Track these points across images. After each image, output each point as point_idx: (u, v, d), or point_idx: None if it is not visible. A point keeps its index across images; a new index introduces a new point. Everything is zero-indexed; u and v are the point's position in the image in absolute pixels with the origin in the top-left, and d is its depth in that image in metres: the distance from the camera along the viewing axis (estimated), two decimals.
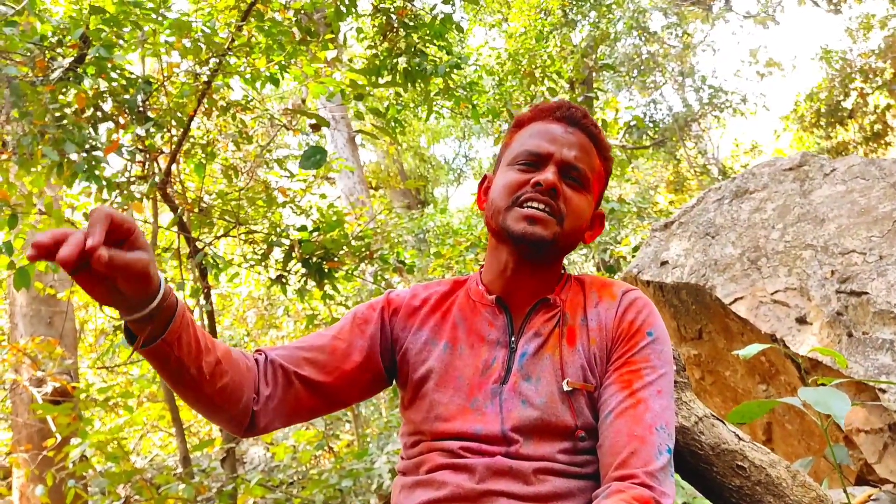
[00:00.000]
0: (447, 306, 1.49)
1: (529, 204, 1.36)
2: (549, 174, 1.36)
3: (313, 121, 4.10)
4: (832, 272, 2.90)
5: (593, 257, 8.35)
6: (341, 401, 1.46)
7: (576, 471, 1.29)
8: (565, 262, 1.52)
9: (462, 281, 1.54)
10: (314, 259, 4.27)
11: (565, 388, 1.31)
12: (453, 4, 5.40)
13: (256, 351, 1.40)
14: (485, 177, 1.55)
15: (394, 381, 1.51)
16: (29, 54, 3.61)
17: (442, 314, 1.48)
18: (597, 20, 11.18)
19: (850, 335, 2.72)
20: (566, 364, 1.34)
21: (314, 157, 3.50)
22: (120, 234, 1.01)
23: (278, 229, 4.62)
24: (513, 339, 1.39)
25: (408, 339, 1.47)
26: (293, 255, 4.29)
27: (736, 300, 3.14)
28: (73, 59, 3.62)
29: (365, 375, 1.44)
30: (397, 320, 1.49)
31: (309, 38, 4.48)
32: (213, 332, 4.38)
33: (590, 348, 1.35)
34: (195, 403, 1.29)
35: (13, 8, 3.49)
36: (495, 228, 1.41)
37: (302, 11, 4.54)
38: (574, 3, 10.87)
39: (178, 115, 4.02)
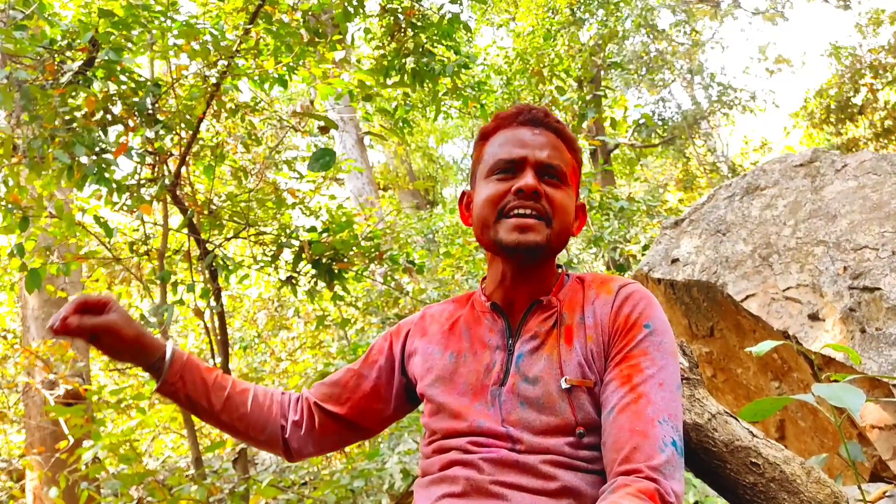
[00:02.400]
0: (455, 320, 1.54)
1: (516, 212, 1.38)
2: (528, 178, 1.38)
3: (322, 123, 4.10)
4: (844, 268, 2.88)
5: (603, 256, 8.33)
6: (363, 428, 1.62)
7: (583, 465, 1.30)
8: (574, 262, 1.53)
9: (471, 295, 1.59)
10: (324, 260, 4.27)
11: (564, 385, 1.32)
12: (461, 4, 5.39)
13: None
14: (463, 193, 1.58)
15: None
16: (38, 58, 3.62)
17: (450, 327, 1.53)
18: (605, 18, 11.16)
19: (863, 331, 2.70)
20: (565, 363, 1.35)
21: (323, 159, 3.51)
22: (97, 308, 1.41)
23: (288, 231, 4.62)
24: (510, 341, 1.42)
25: (418, 352, 1.53)
26: (303, 256, 4.29)
27: (748, 297, 3.13)
28: (82, 62, 3.63)
29: (377, 404, 1.59)
30: (408, 340, 1.58)
31: (317, 40, 4.49)
32: (224, 334, 4.38)
33: (587, 345, 1.36)
34: (221, 428, 1.58)
35: (22, 12, 3.51)
36: (487, 243, 1.44)
37: (310, 13, 4.55)
38: (582, 1, 10.85)
39: (188, 117, 4.02)
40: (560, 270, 1.51)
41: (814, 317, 2.89)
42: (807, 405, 2.98)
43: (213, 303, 4.30)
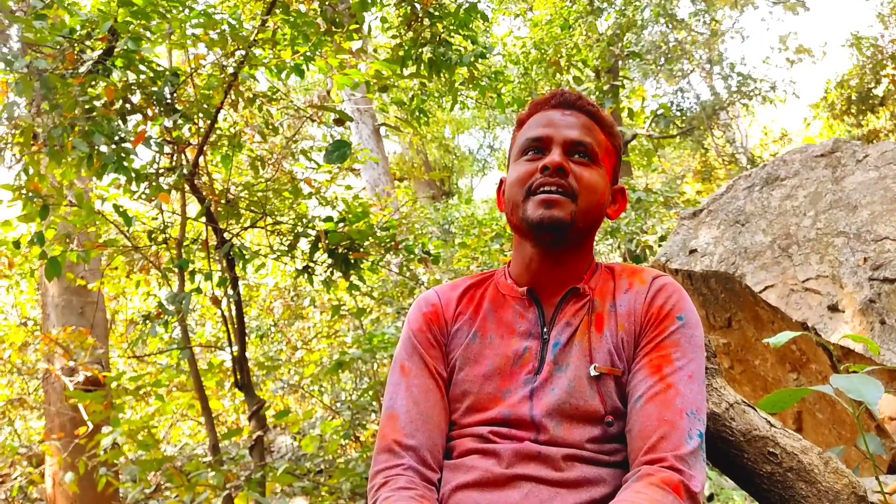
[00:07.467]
0: (478, 299, 1.50)
1: (543, 189, 1.37)
2: (554, 156, 1.39)
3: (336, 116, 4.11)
4: (865, 259, 2.85)
5: (619, 247, 8.30)
6: None
7: (605, 459, 1.29)
8: None
9: (490, 274, 1.55)
10: (340, 250, 4.28)
11: (593, 372, 1.32)
12: None
13: (414, 477, 1.32)
14: (501, 180, 1.57)
15: None
16: (58, 47, 3.65)
17: (474, 307, 1.48)
18: (623, 7, 11.08)
19: (882, 322, 2.67)
20: (594, 350, 1.34)
21: (339, 152, 3.52)
22: None
23: (304, 220, 4.63)
24: (545, 329, 1.39)
25: (446, 335, 1.47)
26: (319, 245, 4.30)
27: (766, 288, 3.11)
28: (101, 51, 3.65)
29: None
30: (438, 327, 1.48)
31: (334, 29, 4.48)
32: (241, 322, 4.40)
33: (618, 333, 1.36)
34: None
35: (43, 2, 3.53)
36: (516, 223, 1.43)
37: (327, 3, 4.54)
38: None
39: (205, 106, 4.04)
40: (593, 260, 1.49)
41: (833, 308, 2.87)
42: (825, 397, 2.96)
43: (230, 291, 4.33)
